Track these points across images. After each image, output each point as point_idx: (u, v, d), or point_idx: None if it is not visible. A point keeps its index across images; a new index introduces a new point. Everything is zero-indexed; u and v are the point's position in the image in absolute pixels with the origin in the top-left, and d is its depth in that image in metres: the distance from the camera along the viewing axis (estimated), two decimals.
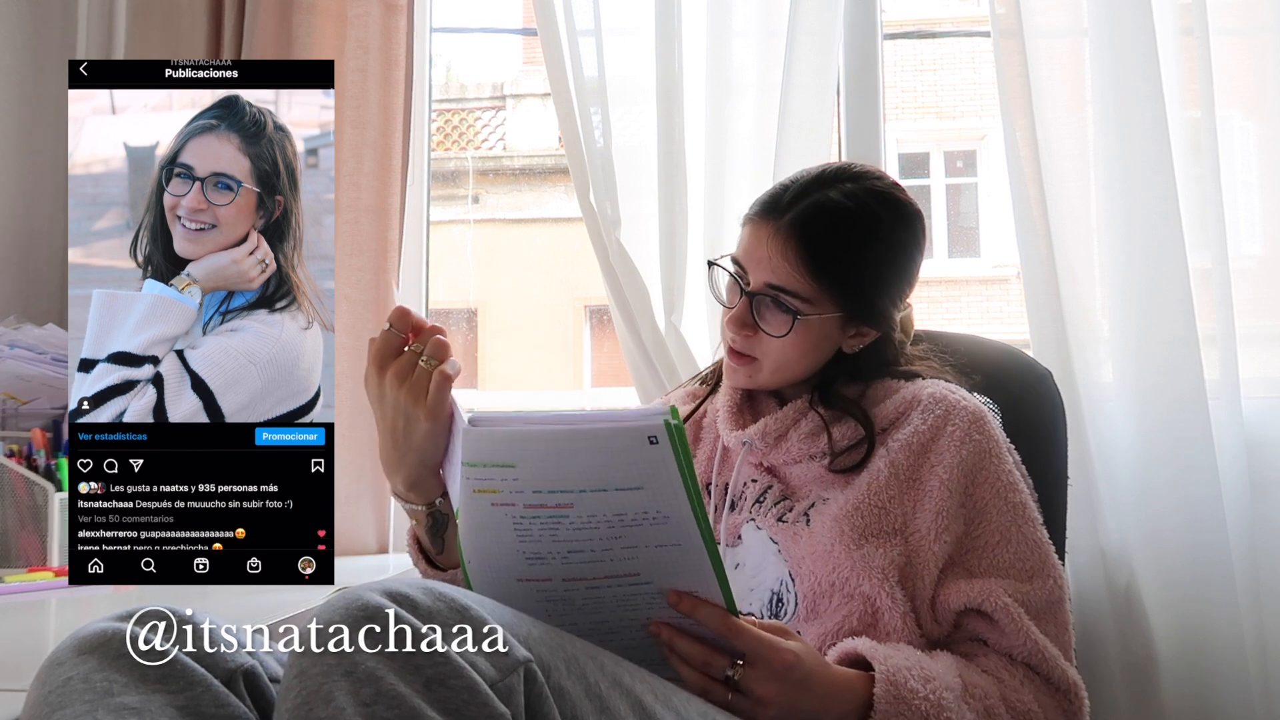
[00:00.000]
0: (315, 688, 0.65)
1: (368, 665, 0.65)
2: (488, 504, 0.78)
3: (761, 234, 1.05)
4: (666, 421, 0.72)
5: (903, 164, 2.66)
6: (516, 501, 0.77)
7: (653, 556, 0.79)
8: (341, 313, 1.63)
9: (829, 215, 1.04)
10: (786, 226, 1.03)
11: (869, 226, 1.04)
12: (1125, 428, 1.46)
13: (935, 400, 1.04)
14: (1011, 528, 1.00)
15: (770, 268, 1.03)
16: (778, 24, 1.62)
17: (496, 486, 0.77)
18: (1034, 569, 0.99)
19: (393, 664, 0.65)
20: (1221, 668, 1.40)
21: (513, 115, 2.71)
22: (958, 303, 2.82)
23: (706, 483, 1.12)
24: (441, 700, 0.64)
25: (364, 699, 0.64)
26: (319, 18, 1.68)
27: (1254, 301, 1.51)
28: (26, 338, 1.52)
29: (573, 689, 0.70)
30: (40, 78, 1.79)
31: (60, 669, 0.74)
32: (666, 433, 0.72)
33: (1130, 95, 1.45)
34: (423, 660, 0.65)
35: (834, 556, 0.98)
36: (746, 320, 1.05)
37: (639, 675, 0.77)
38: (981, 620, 0.98)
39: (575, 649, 0.73)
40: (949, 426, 1.02)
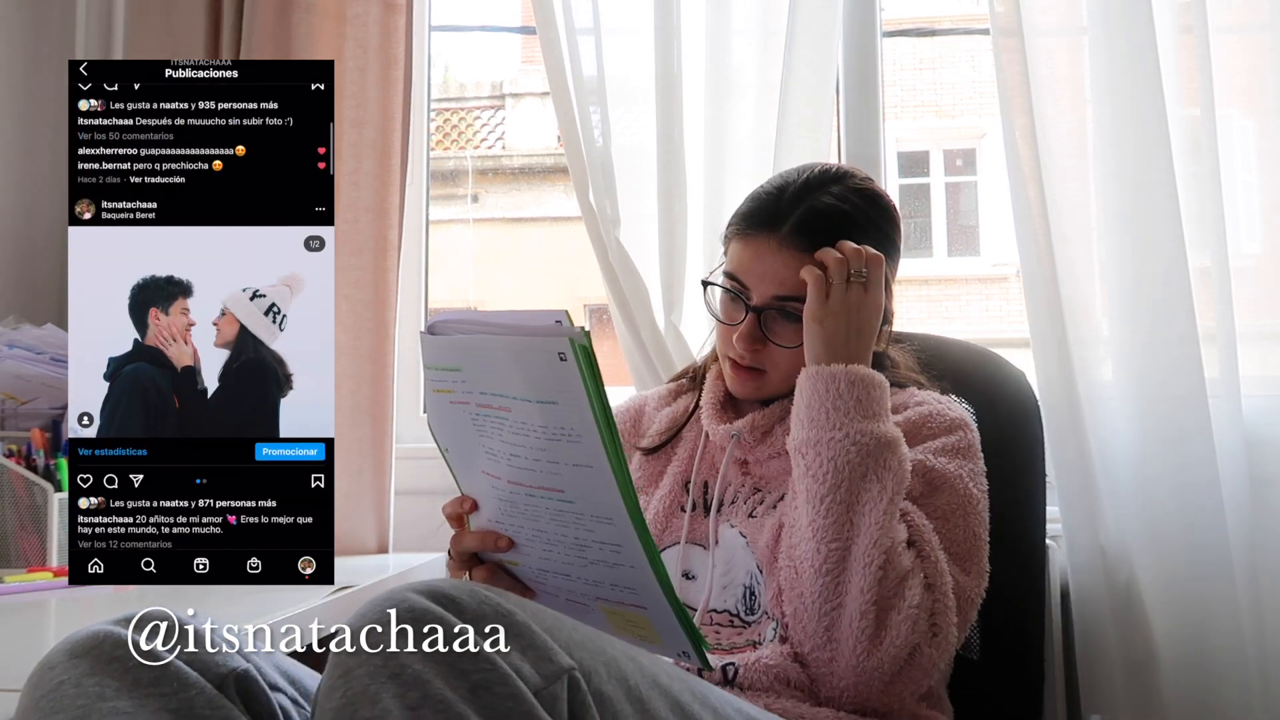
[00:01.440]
0: (361, 689, 0.64)
1: (415, 668, 0.64)
2: (447, 402, 0.84)
3: (760, 248, 1.06)
4: (572, 339, 0.74)
5: (902, 162, 2.66)
6: (469, 400, 0.82)
7: (572, 476, 0.79)
8: (341, 312, 1.63)
9: (825, 219, 1.05)
10: (788, 237, 1.04)
11: (862, 225, 1.06)
12: (1125, 426, 1.46)
13: (919, 405, 1.08)
14: (958, 513, 1.01)
15: (777, 280, 1.04)
16: (777, 23, 1.62)
17: (450, 387, 0.83)
18: (962, 557, 1.00)
19: (439, 668, 0.64)
20: (1221, 666, 1.39)
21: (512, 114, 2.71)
22: (957, 301, 2.82)
23: (686, 480, 1.13)
24: (487, 707, 0.64)
25: (410, 703, 0.63)
26: (318, 17, 1.67)
27: (1254, 300, 1.51)
28: (26, 338, 1.52)
29: (613, 693, 0.70)
30: (39, 78, 1.79)
31: (53, 672, 0.74)
32: (572, 350, 0.74)
33: (1130, 93, 1.45)
34: (469, 665, 0.65)
35: None
36: (756, 335, 1.06)
37: (675, 674, 0.77)
38: None
39: (615, 651, 0.73)
40: (926, 426, 1.05)
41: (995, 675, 1.22)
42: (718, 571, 1.05)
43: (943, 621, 0.94)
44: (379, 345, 1.66)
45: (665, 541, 1.10)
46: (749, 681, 0.95)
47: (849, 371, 0.98)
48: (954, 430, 1.05)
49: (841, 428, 0.96)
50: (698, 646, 0.84)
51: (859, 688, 0.93)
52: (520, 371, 0.78)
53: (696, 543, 1.09)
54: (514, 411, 0.79)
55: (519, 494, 0.84)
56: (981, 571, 1.01)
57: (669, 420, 1.19)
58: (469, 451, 0.86)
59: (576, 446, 0.77)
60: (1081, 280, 1.50)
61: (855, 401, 0.97)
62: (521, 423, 0.79)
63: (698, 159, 1.63)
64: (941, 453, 1.03)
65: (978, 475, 1.04)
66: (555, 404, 0.76)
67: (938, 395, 1.11)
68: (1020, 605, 1.24)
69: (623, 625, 0.87)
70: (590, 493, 0.79)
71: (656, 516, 1.11)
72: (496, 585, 0.91)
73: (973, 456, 1.05)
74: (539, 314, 0.77)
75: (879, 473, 0.95)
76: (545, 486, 0.81)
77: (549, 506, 0.82)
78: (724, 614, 1.04)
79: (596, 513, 0.80)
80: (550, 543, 0.85)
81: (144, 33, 1.74)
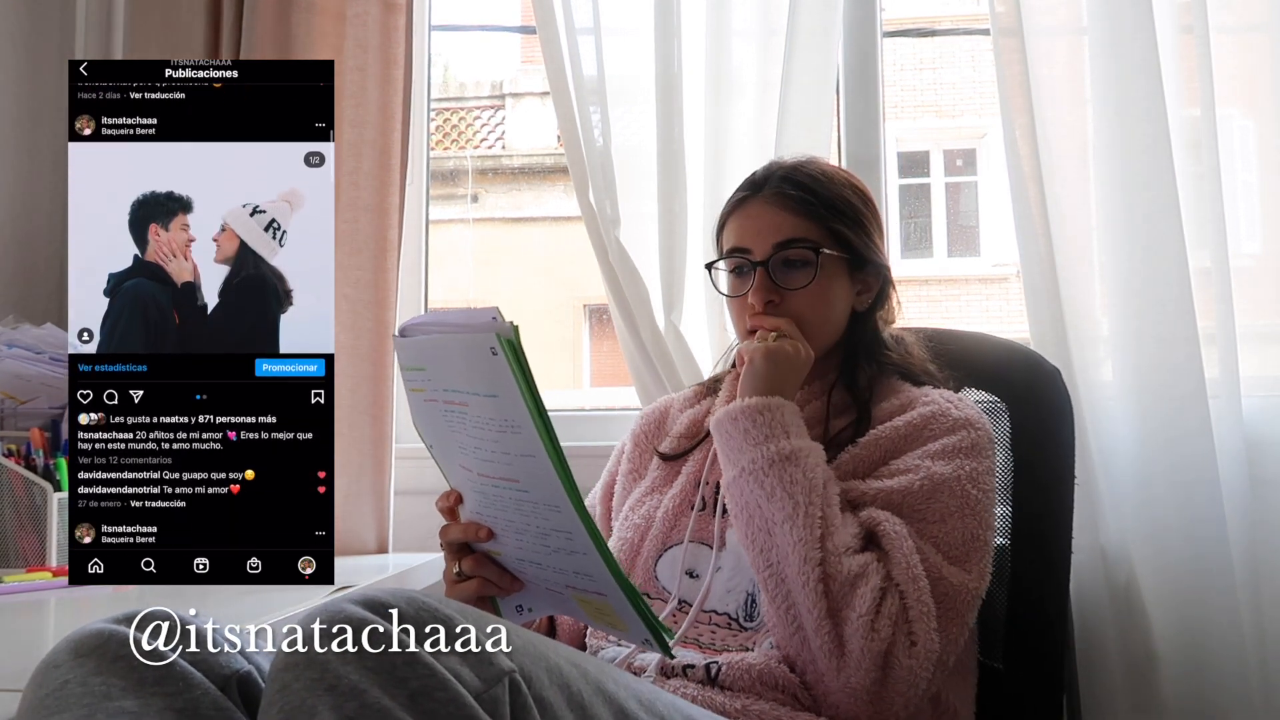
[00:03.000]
0: (298, 703, 0.63)
1: (351, 678, 0.63)
2: (421, 400, 0.87)
3: (751, 209, 1.13)
4: (499, 334, 0.77)
5: (902, 162, 2.66)
6: (438, 398, 0.85)
7: (522, 465, 0.81)
8: (341, 312, 1.63)
9: (807, 175, 1.13)
10: (775, 189, 1.12)
11: (835, 178, 1.15)
12: (1125, 426, 1.46)
13: (925, 404, 1.07)
14: (955, 515, 1.00)
15: (775, 227, 1.10)
16: (777, 22, 1.62)
17: (422, 385, 0.86)
18: (960, 558, 0.99)
19: (376, 676, 0.64)
20: (1221, 665, 1.39)
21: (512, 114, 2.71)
22: (957, 301, 2.82)
23: (699, 480, 1.13)
24: (427, 713, 0.63)
25: (347, 713, 0.62)
26: (318, 17, 1.67)
27: (1254, 300, 1.51)
28: (25, 337, 1.52)
29: (554, 699, 0.69)
30: (39, 78, 1.79)
31: (57, 671, 0.74)
32: (500, 345, 0.77)
33: (1130, 93, 1.45)
34: (406, 672, 0.64)
35: None
36: (768, 285, 1.10)
37: (623, 681, 0.76)
38: None
39: (557, 657, 0.72)
40: (928, 428, 1.05)
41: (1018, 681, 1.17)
42: (723, 574, 1.05)
43: (920, 629, 0.92)
44: (379, 345, 1.66)
45: (673, 539, 1.11)
46: (730, 680, 0.95)
47: (728, 411, 1.02)
48: (956, 430, 1.04)
49: (735, 464, 1.00)
50: (657, 634, 0.85)
51: (849, 704, 0.93)
52: (467, 368, 0.80)
53: (704, 542, 1.09)
54: (471, 406, 0.82)
55: (488, 485, 0.86)
56: (983, 571, 1.00)
57: (689, 421, 1.20)
58: (447, 446, 0.89)
59: (519, 437, 0.79)
60: (1081, 280, 1.50)
61: (742, 434, 1.00)
62: (478, 416, 0.82)
63: (698, 159, 1.63)
64: (940, 455, 1.02)
65: (980, 475, 1.03)
66: (497, 397, 0.79)
67: (947, 394, 1.10)
68: (1044, 610, 1.19)
69: (594, 614, 0.89)
70: (538, 482, 0.81)
71: (667, 514, 1.12)
72: (484, 573, 0.94)
73: (977, 456, 1.04)
74: (479, 311, 0.80)
75: (785, 489, 0.96)
76: (504, 477, 0.84)
77: (512, 497, 0.85)
78: (723, 616, 1.04)
79: (547, 501, 0.81)
80: (520, 531, 0.87)
81: (144, 33, 1.74)
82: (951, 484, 1.01)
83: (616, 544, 1.14)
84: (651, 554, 1.11)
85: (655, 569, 1.10)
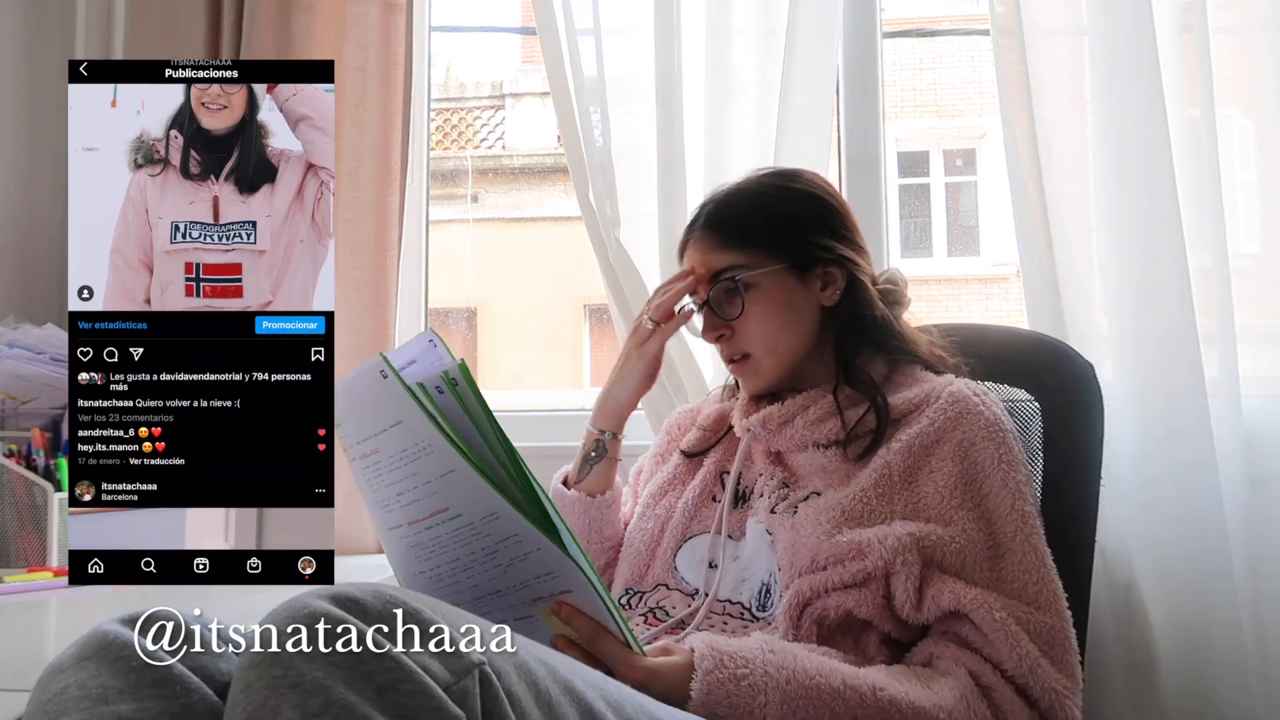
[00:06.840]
0: (260, 702, 0.62)
1: (315, 675, 0.62)
2: (348, 462, 0.85)
3: (689, 252, 1.17)
4: (383, 355, 0.78)
5: (902, 162, 2.66)
6: (354, 455, 0.83)
7: (446, 489, 0.79)
8: (341, 312, 1.63)
9: (729, 196, 1.15)
10: (701, 227, 1.14)
11: (764, 193, 1.15)
12: (1125, 426, 1.46)
13: (953, 400, 1.05)
14: (1017, 538, 0.99)
15: (705, 264, 1.13)
16: (777, 22, 1.62)
17: (346, 445, 0.85)
18: (1038, 596, 0.97)
19: (342, 672, 0.62)
20: (1221, 666, 1.39)
21: (512, 114, 2.70)
22: (957, 301, 2.81)
23: (721, 472, 1.15)
24: (394, 706, 0.62)
25: (311, 710, 0.61)
26: (318, 17, 1.68)
27: (1254, 300, 1.51)
28: (25, 337, 1.52)
29: (523, 695, 0.68)
30: (39, 78, 1.79)
31: (61, 675, 0.74)
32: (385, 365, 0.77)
33: (1129, 93, 1.45)
34: (373, 666, 0.63)
35: (809, 549, 0.99)
36: (712, 322, 1.13)
37: (592, 680, 0.75)
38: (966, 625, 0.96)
39: (525, 655, 0.71)
40: (957, 432, 1.03)
41: None
42: (739, 564, 1.06)
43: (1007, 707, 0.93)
44: (379, 345, 1.66)
45: (694, 530, 1.12)
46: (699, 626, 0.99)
47: None
48: (993, 436, 1.03)
49: None
50: (613, 616, 0.84)
51: None
52: (366, 407, 0.80)
53: (726, 534, 1.10)
54: (381, 451, 0.80)
55: (421, 532, 0.82)
56: (1053, 595, 0.98)
57: (713, 416, 1.22)
58: (379, 517, 0.86)
59: (433, 458, 0.78)
60: (1081, 279, 1.50)
61: None
62: (389, 458, 0.80)
63: (698, 159, 1.63)
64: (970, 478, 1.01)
65: (1023, 484, 1.02)
66: (401, 423, 0.78)
67: (971, 384, 1.08)
68: None
69: (560, 626, 0.87)
70: (467, 498, 0.79)
71: (687, 506, 1.13)
72: None
73: (1009, 462, 1.02)
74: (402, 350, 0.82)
75: None
76: (434, 512, 0.81)
77: (447, 531, 0.81)
78: (736, 605, 1.04)
79: (483, 514, 0.79)
80: (468, 567, 0.84)
81: (144, 33, 1.74)
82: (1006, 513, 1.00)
83: (637, 535, 1.15)
84: (671, 545, 1.12)
85: (675, 560, 1.11)
